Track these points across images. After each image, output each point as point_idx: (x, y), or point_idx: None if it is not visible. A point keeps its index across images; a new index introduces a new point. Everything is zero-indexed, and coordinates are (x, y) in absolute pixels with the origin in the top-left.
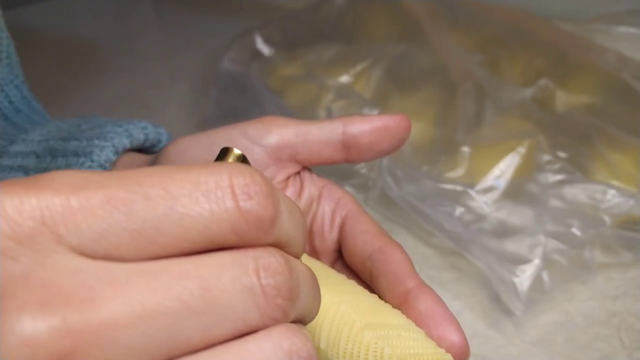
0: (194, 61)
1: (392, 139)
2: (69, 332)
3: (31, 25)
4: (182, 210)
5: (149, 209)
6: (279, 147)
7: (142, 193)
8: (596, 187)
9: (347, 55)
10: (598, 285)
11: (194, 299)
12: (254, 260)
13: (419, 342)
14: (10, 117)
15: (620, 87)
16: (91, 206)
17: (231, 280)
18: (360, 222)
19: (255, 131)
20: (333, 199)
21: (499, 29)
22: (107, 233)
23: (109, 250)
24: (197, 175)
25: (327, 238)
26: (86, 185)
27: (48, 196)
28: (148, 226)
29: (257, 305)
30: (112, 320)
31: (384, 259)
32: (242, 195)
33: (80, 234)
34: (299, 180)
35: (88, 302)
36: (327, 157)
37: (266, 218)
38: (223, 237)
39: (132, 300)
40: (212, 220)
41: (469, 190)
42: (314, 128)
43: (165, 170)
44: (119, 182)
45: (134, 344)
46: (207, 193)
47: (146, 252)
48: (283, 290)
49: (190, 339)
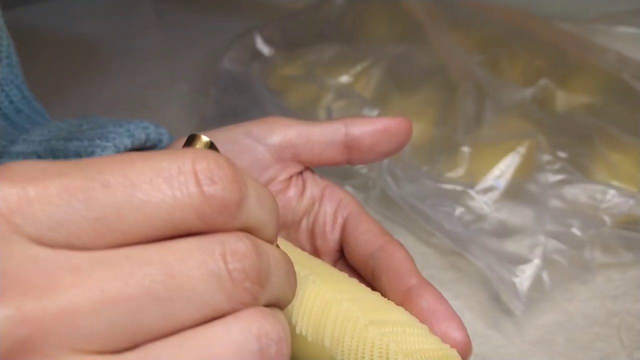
0: (194, 61)
1: (393, 141)
2: (25, 321)
3: (31, 25)
4: (143, 197)
5: (108, 197)
6: (282, 147)
7: (101, 181)
8: (596, 187)
9: (347, 55)
10: (598, 285)
11: (156, 285)
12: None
13: (423, 338)
14: (11, 117)
15: (620, 87)
16: (48, 195)
17: (196, 265)
18: (362, 222)
19: (259, 130)
20: (335, 199)
21: (499, 29)
22: (66, 222)
23: (69, 239)
24: (159, 162)
25: (328, 238)
26: (43, 175)
27: (4, 186)
28: (108, 214)
29: (224, 290)
30: (71, 307)
31: (385, 257)
32: (205, 180)
33: (38, 223)
34: (302, 181)
35: (46, 290)
36: (328, 158)
37: (232, 202)
38: (188, 223)
39: (92, 288)
40: (175, 206)
41: (469, 190)
42: (316, 129)
43: (126, 157)
44: (78, 171)
45: (95, 330)
46: (169, 179)
47: (107, 240)
48: (251, 274)
49: (154, 325)
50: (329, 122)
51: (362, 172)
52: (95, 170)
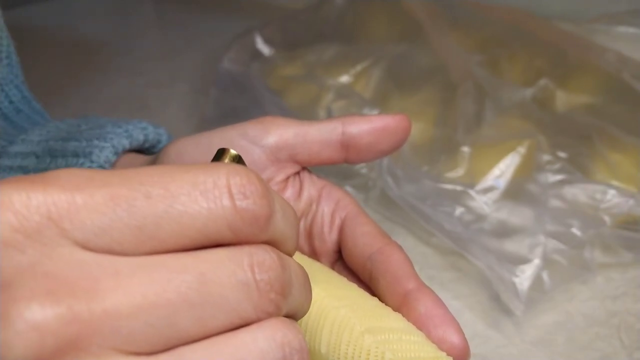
0: (194, 61)
1: (392, 139)
2: (75, 320)
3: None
4: (181, 208)
5: (150, 207)
6: (278, 148)
7: (144, 191)
8: (596, 187)
9: (347, 55)
10: (598, 285)
11: (191, 291)
12: (249, 256)
13: (419, 346)
14: (11, 117)
15: (620, 87)
16: (95, 203)
17: (227, 274)
18: (360, 223)
19: (254, 132)
20: (332, 199)
21: (499, 29)
22: (110, 228)
23: (111, 245)
24: (196, 176)
25: (326, 239)
26: (90, 183)
27: (54, 192)
28: (148, 222)
29: (251, 299)
30: (114, 309)
31: (383, 260)
32: (238, 195)
33: (84, 228)
34: (299, 181)
35: (92, 292)
36: (326, 158)
37: (261, 216)
38: (220, 234)
39: (133, 291)
40: (209, 218)
41: (469, 190)
42: (313, 128)
43: (165, 169)
44: (122, 181)
45: (134, 332)
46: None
47: (146, 247)
48: (276, 286)
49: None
50: (326, 121)
51: (362, 172)
52: (138, 181)
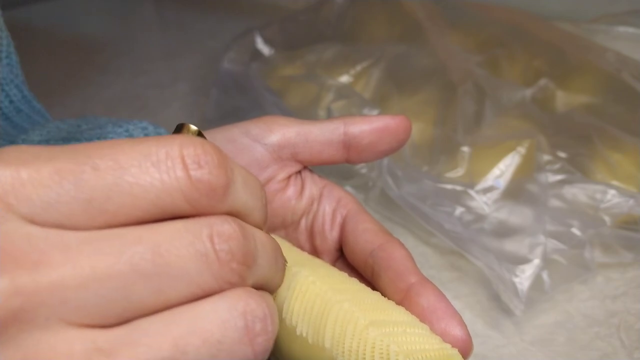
0: (195, 61)
1: (392, 140)
2: (18, 292)
3: (32, 25)
4: (132, 180)
5: (98, 179)
6: (280, 146)
7: (91, 164)
8: (596, 187)
9: (347, 56)
10: (598, 285)
11: (145, 262)
12: (208, 227)
13: (424, 338)
14: (11, 117)
15: (620, 87)
16: (40, 177)
17: (184, 245)
18: (361, 220)
19: (257, 130)
20: (334, 198)
21: (498, 30)
22: (57, 203)
23: (60, 219)
24: (148, 147)
25: (327, 237)
26: (36, 159)
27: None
28: (97, 196)
29: (211, 270)
30: (61, 281)
31: (385, 256)
32: (192, 165)
33: (30, 203)
34: (300, 180)
35: (38, 265)
36: (327, 157)
37: (218, 186)
38: (176, 206)
39: (82, 264)
40: (163, 190)
41: (469, 190)
42: (315, 128)
43: (116, 142)
44: (69, 155)
45: (84, 304)
46: (157, 163)
47: (97, 221)
48: (237, 255)
49: (143, 302)
50: (328, 121)
51: (362, 172)
52: (85, 155)
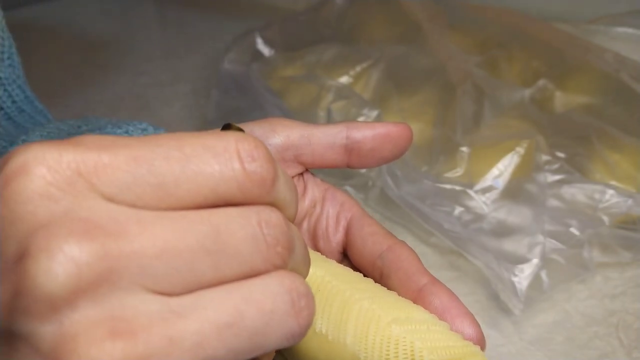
0: (195, 62)
1: (393, 146)
2: (107, 256)
3: (32, 26)
4: (196, 169)
5: (168, 166)
6: (284, 147)
7: (162, 153)
8: (595, 187)
9: (346, 56)
10: (597, 284)
11: (208, 240)
12: (257, 214)
13: (446, 335)
14: (13, 117)
15: (618, 87)
16: (119, 162)
17: (238, 228)
18: (367, 224)
19: (261, 131)
20: (337, 202)
21: (497, 30)
22: (133, 185)
23: (134, 200)
24: (208, 140)
25: (331, 239)
26: (113, 145)
27: (83, 152)
28: (167, 181)
29: (260, 251)
30: (141, 250)
31: (394, 258)
32: (247, 158)
33: (110, 184)
34: (302, 182)
35: (121, 235)
36: (329, 160)
37: (268, 178)
38: (230, 194)
39: (157, 237)
40: (221, 179)
41: (468, 190)
42: (318, 131)
43: (180, 135)
44: (142, 144)
45: (159, 273)
46: (216, 155)
47: (165, 203)
48: (282, 241)
49: (205, 275)
50: (331, 124)
51: (362, 172)
52: (157, 144)
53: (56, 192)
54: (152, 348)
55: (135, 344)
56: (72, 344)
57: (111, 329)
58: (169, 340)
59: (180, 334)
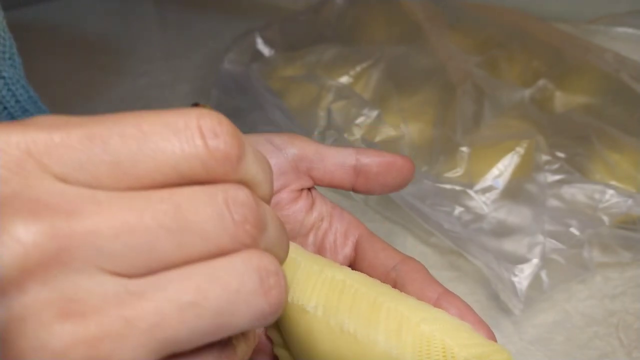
0: (195, 62)
1: (397, 175)
2: (57, 236)
3: (33, 26)
4: (155, 146)
5: (124, 144)
6: (299, 158)
7: (118, 131)
8: (595, 187)
9: (346, 56)
10: (597, 284)
11: (168, 219)
12: (223, 192)
13: (473, 334)
14: (17, 117)
15: (618, 87)
16: (71, 141)
17: (202, 206)
18: (377, 241)
19: (280, 140)
20: (345, 220)
21: (497, 30)
22: (87, 164)
23: (89, 179)
24: (168, 117)
25: (339, 252)
26: (66, 124)
27: (32, 132)
28: (124, 159)
29: (226, 230)
30: (95, 229)
31: (409, 270)
32: (209, 134)
33: (62, 163)
34: (311, 197)
35: (73, 214)
36: (338, 179)
37: (232, 155)
38: (193, 172)
39: (113, 216)
40: (182, 156)
41: (468, 190)
42: (331, 150)
43: (138, 113)
44: (97, 122)
45: (116, 253)
46: (177, 132)
47: (123, 183)
48: (250, 219)
49: (167, 254)
50: (343, 147)
51: None
52: (113, 122)
53: (5, 173)
54: (105, 329)
55: (86, 325)
56: (20, 327)
57: (61, 311)
58: (124, 321)
59: (137, 314)
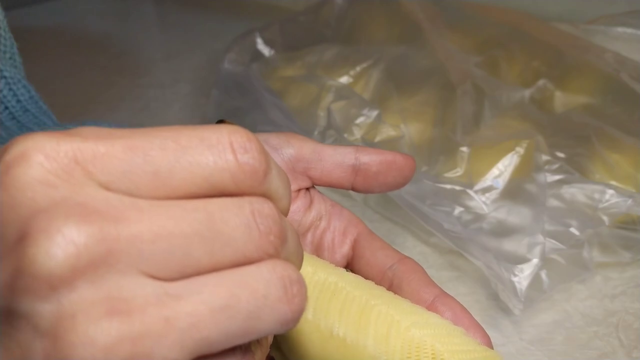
0: (195, 62)
1: (398, 174)
2: (105, 239)
3: (33, 27)
4: (191, 159)
5: (164, 156)
6: (296, 159)
7: (158, 143)
8: (594, 187)
9: (346, 57)
10: (596, 284)
11: (202, 227)
12: (250, 204)
13: (465, 340)
14: (18, 117)
15: (618, 87)
16: (115, 151)
17: (232, 216)
18: (376, 239)
19: (276, 140)
20: (344, 218)
21: (497, 30)
22: (129, 173)
23: (130, 188)
24: (203, 132)
25: (336, 251)
26: (110, 135)
27: (79, 141)
28: (163, 170)
29: (253, 240)
30: (138, 234)
31: (406, 270)
32: (239, 149)
33: (106, 172)
34: (309, 196)
35: (118, 219)
36: (336, 178)
37: (260, 170)
38: (224, 185)
39: (153, 222)
40: (215, 169)
41: (468, 190)
42: (329, 148)
43: (175, 127)
44: (137, 135)
45: (155, 257)
46: (210, 147)
47: (161, 192)
48: (274, 230)
49: (200, 261)
50: (342, 146)
51: None
52: (153, 135)
53: (54, 179)
54: (148, 327)
55: (131, 322)
56: (70, 322)
57: (108, 309)
58: (164, 321)
59: (176, 314)
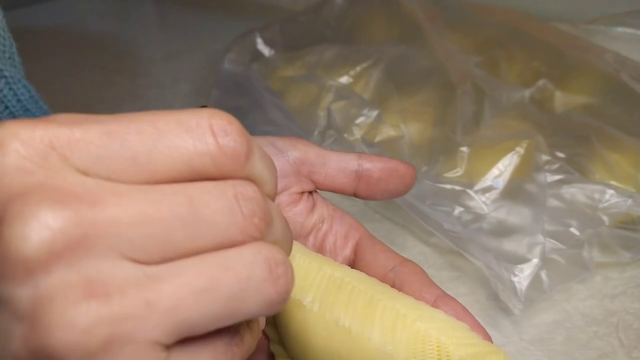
0: (195, 62)
1: (399, 181)
2: (81, 223)
3: (32, 27)
4: (169, 143)
5: (141, 141)
6: (301, 162)
7: (134, 128)
8: (594, 187)
9: (346, 57)
10: (596, 284)
11: (183, 210)
12: (232, 187)
13: (469, 334)
14: (18, 116)
15: (618, 87)
16: (91, 137)
17: (213, 199)
18: (378, 243)
19: (282, 143)
20: (346, 222)
21: (497, 30)
22: (106, 159)
23: (108, 173)
24: (181, 116)
25: (338, 254)
26: (85, 121)
27: (55, 127)
28: (140, 155)
29: (236, 223)
30: (116, 218)
31: (407, 271)
32: (220, 132)
33: (83, 157)
34: (312, 200)
35: (96, 203)
36: (339, 184)
37: (241, 152)
38: (204, 168)
39: (132, 206)
40: (195, 153)
41: (468, 190)
42: (333, 154)
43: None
44: (114, 120)
45: (134, 241)
46: (189, 130)
47: (139, 177)
48: (258, 213)
49: (181, 244)
50: (346, 152)
51: None
52: (129, 120)
53: (30, 165)
54: (127, 309)
55: (110, 304)
56: (48, 305)
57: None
58: (145, 303)
59: (156, 296)
